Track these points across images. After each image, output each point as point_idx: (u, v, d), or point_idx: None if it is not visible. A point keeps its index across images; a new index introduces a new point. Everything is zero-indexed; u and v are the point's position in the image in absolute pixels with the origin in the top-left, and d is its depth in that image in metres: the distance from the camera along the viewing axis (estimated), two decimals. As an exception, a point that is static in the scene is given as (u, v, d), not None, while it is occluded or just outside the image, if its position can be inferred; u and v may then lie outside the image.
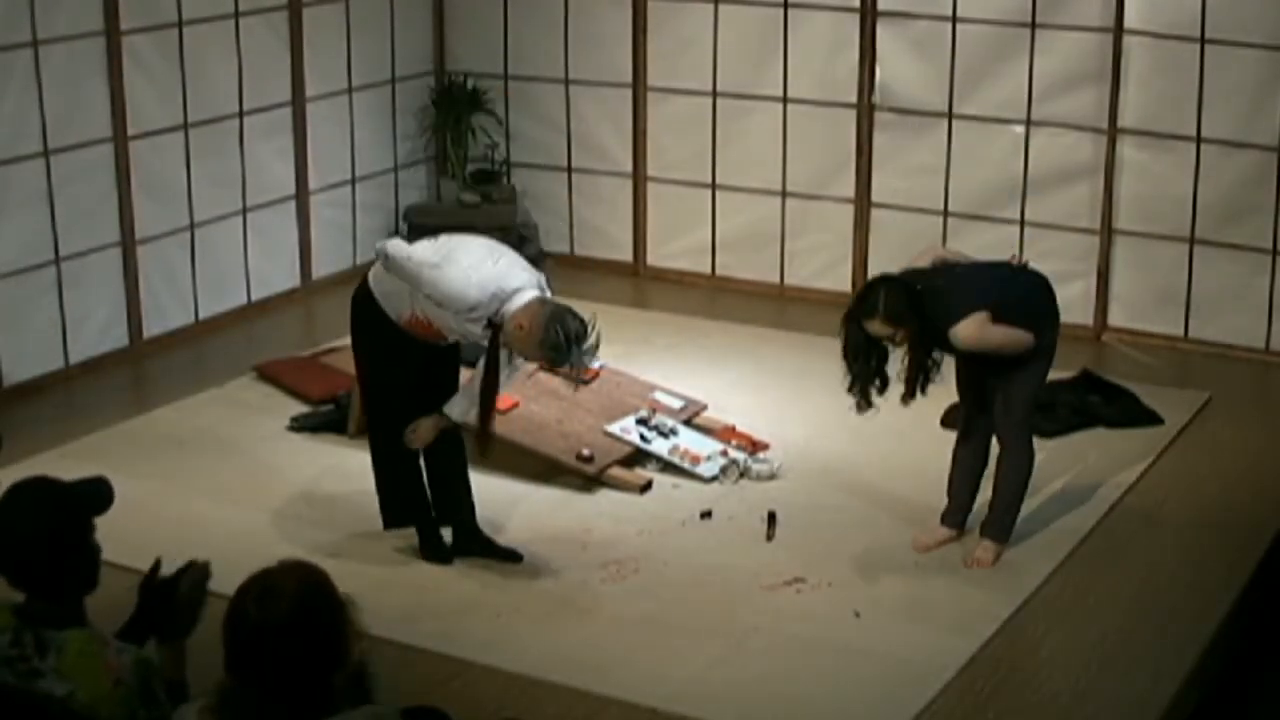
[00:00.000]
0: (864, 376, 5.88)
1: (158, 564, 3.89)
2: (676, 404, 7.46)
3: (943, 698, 5.35)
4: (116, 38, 8.16)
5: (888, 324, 5.81)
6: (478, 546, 6.25)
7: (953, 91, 8.89)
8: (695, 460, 7.02)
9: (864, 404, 5.94)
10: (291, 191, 9.33)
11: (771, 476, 7.01)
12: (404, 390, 5.98)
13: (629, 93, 9.71)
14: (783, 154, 9.36)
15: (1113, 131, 8.64)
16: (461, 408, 5.92)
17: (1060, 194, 8.75)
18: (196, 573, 3.83)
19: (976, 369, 6.10)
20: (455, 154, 10.01)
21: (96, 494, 3.79)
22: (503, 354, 5.78)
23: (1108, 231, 8.75)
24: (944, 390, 7.76)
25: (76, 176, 8.07)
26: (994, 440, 6.28)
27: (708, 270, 9.71)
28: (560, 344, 5.56)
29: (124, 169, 8.30)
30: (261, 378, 8.10)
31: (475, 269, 5.66)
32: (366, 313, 5.96)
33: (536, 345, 5.61)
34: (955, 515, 6.38)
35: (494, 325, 5.68)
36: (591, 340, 5.64)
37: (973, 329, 5.83)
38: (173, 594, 3.81)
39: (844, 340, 5.89)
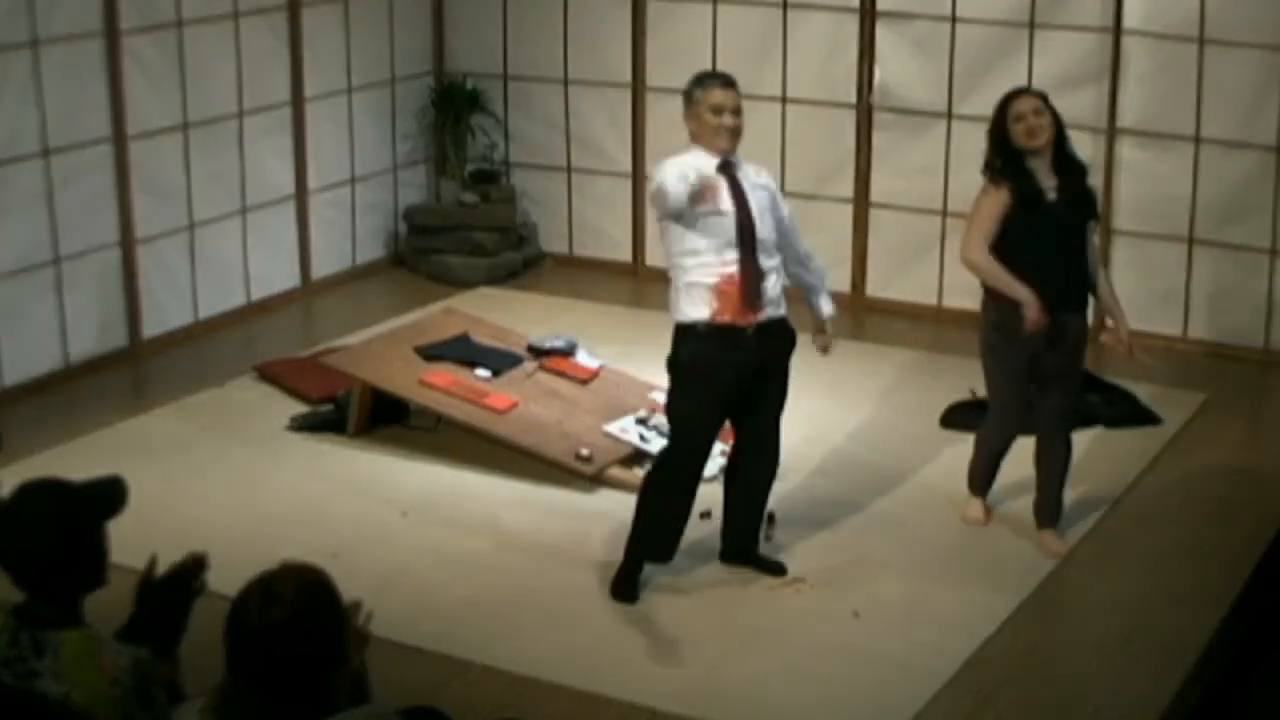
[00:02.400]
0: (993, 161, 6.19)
1: (153, 562, 3.89)
2: (676, 404, 7.45)
3: (943, 697, 5.36)
4: (116, 38, 8.16)
5: (1041, 101, 6.21)
6: (751, 557, 6.20)
7: (952, 91, 8.90)
8: (695, 460, 7.01)
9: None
10: (291, 191, 9.33)
11: (771, 476, 7.00)
12: (710, 422, 5.91)
13: (628, 93, 9.72)
14: (781, 154, 9.35)
15: (1112, 131, 8.64)
16: None
17: (1059, 194, 8.74)
18: (194, 568, 3.83)
19: (1058, 357, 6.14)
20: (455, 154, 10.01)
21: (108, 497, 3.78)
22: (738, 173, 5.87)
23: (1107, 231, 8.74)
24: (943, 392, 7.80)
25: (76, 176, 8.07)
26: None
27: (707, 270, 9.71)
28: (702, 75, 6.03)
29: (123, 169, 8.30)
30: (261, 378, 8.09)
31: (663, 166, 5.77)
32: (682, 346, 5.87)
33: (703, 101, 5.84)
34: (989, 484, 6.54)
35: (723, 169, 5.81)
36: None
37: None
38: (171, 591, 3.81)
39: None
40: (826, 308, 6.31)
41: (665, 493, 5.95)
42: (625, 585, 5.98)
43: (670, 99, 9.54)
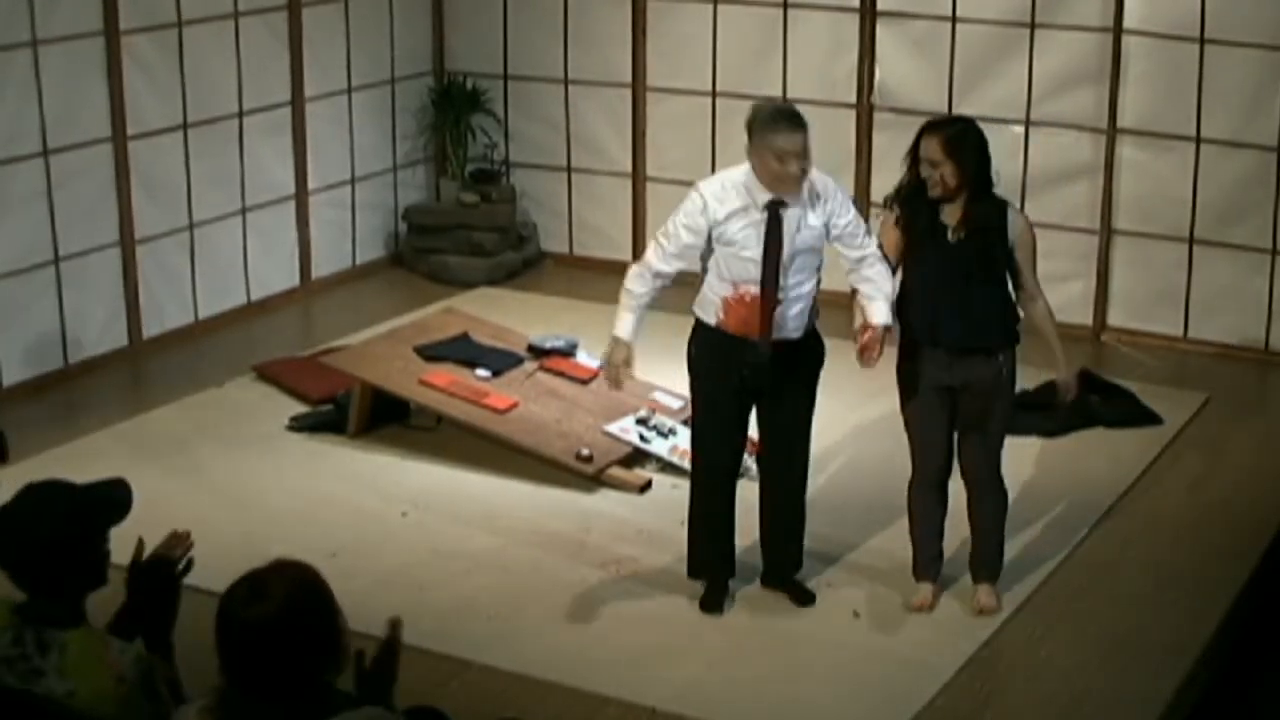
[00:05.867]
0: (903, 187, 5.67)
1: (141, 545, 3.89)
2: (675, 404, 7.45)
3: (942, 697, 5.36)
4: (116, 38, 8.16)
5: (942, 150, 5.49)
6: (785, 582, 6.03)
7: (952, 91, 8.89)
8: (694, 460, 7.01)
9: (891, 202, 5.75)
10: (291, 191, 9.33)
11: (771, 476, 6.98)
12: (726, 419, 5.79)
13: (628, 93, 9.71)
14: (782, 154, 9.36)
15: (1112, 131, 8.64)
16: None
17: (1059, 194, 8.75)
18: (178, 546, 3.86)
19: (973, 402, 5.74)
20: (455, 154, 10.00)
21: (114, 501, 3.78)
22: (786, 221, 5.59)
23: (1107, 231, 8.75)
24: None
25: (76, 176, 8.07)
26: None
27: (707, 270, 9.71)
28: (771, 113, 5.59)
29: (123, 169, 8.30)
30: (261, 378, 8.09)
31: (695, 192, 5.77)
32: (694, 340, 5.89)
33: (769, 144, 5.51)
34: (935, 565, 5.98)
35: (770, 208, 5.60)
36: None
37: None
38: (157, 573, 3.81)
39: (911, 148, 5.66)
40: (877, 316, 5.73)
41: (696, 499, 5.95)
42: (708, 598, 5.92)
43: (670, 99, 9.61)
